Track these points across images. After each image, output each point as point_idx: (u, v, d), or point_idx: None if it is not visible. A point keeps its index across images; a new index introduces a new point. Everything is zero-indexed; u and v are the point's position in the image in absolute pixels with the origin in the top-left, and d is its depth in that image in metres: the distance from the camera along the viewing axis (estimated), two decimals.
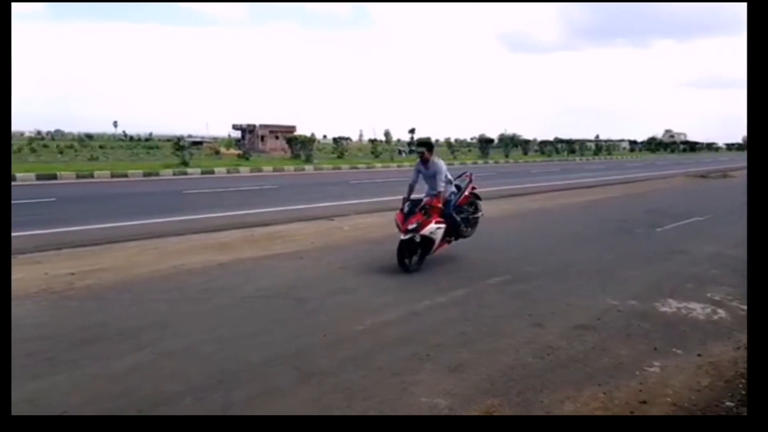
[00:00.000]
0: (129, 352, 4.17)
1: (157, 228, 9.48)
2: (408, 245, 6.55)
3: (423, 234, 6.52)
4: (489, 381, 3.82)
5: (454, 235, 7.28)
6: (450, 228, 7.02)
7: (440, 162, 6.92)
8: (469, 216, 7.65)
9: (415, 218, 6.50)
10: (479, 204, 7.89)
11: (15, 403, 3.31)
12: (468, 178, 7.71)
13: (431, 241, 6.71)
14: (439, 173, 6.81)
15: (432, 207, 6.68)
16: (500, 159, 42.21)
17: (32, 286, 5.76)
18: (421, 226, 6.46)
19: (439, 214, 6.76)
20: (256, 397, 3.52)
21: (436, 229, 6.66)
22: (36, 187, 16.50)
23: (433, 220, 6.61)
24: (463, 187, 7.53)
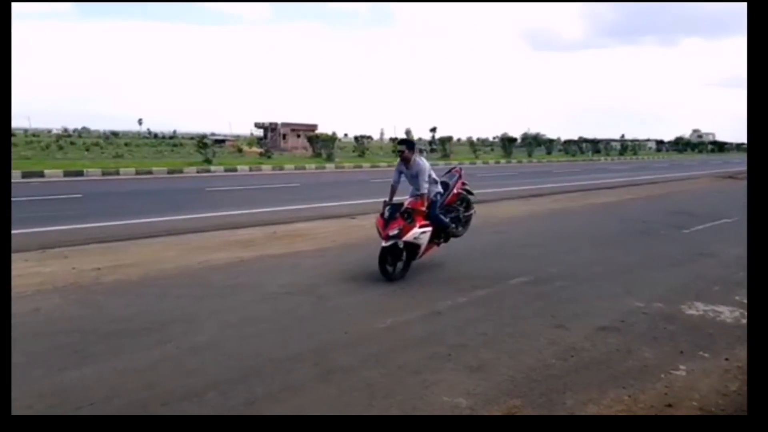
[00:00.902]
0: (154, 346, 4.23)
1: (181, 225, 9.60)
2: (391, 252, 6.14)
3: (406, 240, 6.10)
4: (511, 382, 3.80)
5: (443, 237, 6.88)
6: (437, 230, 6.62)
7: (423, 161, 6.48)
8: (459, 215, 7.24)
9: (396, 223, 6.04)
10: (471, 201, 7.49)
11: (44, 394, 3.42)
12: (457, 174, 7.28)
13: (416, 246, 6.28)
14: (421, 173, 6.34)
15: (415, 210, 6.25)
16: (523, 158, 41.84)
17: (60, 280, 5.89)
18: (402, 231, 6.01)
19: (423, 216, 6.35)
20: (278, 392, 3.55)
21: (420, 233, 6.21)
22: (63, 183, 16.85)
23: (417, 224, 6.17)
24: (451, 185, 7.05)
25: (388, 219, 6.13)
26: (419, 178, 6.34)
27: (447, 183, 7.01)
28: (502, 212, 12.23)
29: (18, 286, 5.62)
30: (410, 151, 6.41)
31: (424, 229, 6.27)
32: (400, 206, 6.24)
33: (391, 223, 6.05)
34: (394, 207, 6.25)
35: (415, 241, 6.19)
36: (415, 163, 6.39)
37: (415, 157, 6.41)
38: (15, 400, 3.32)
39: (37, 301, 5.19)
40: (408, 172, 6.48)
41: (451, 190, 6.98)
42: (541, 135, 53.98)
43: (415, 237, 6.15)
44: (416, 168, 6.37)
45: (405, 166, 6.48)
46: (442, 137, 42.74)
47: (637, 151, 65.26)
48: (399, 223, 6.03)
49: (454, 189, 7.03)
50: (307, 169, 25.13)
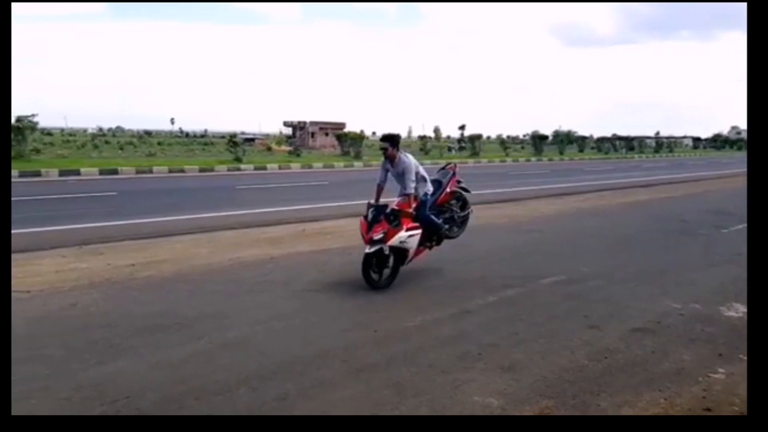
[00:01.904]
0: (187, 341, 4.29)
1: (212, 222, 9.74)
2: (377, 258, 5.69)
3: (392, 245, 5.65)
4: (543, 382, 3.73)
5: (435, 240, 6.41)
6: (429, 232, 6.18)
7: (409, 158, 6.00)
8: (454, 215, 6.77)
9: (380, 227, 5.57)
10: (467, 199, 7.00)
11: (81, 387, 3.49)
12: (451, 171, 6.80)
13: (404, 251, 5.83)
14: (407, 171, 5.87)
15: (402, 211, 5.77)
16: (554, 156, 41.29)
17: (96, 276, 6.03)
18: (387, 235, 5.55)
19: (412, 218, 5.86)
20: (308, 389, 3.55)
21: (407, 237, 5.72)
22: (99, 181, 17.27)
23: (404, 227, 5.69)
24: (444, 183, 6.58)
25: (371, 222, 5.67)
26: (405, 177, 5.90)
27: (440, 181, 6.59)
28: (533, 211, 12.09)
29: (56, 281, 5.78)
30: (394, 148, 5.95)
31: (411, 232, 5.78)
32: (384, 207, 5.80)
33: (375, 227, 5.59)
34: (378, 209, 5.78)
35: (402, 245, 5.74)
36: (401, 160, 5.95)
37: (400, 154, 5.98)
38: (54, 391, 3.43)
39: (75, 296, 5.32)
40: (394, 171, 6.05)
41: (444, 188, 6.53)
42: (572, 132, 53.09)
43: (402, 241, 5.69)
44: (401, 166, 5.93)
45: (390, 164, 6.04)
46: (471, 135, 42.45)
47: (673, 149, 63.82)
48: (383, 226, 5.59)
49: (447, 188, 6.58)
50: (335, 168, 25.25)
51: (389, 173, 6.12)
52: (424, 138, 48.78)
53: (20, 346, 4.09)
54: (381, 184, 6.17)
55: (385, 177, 6.17)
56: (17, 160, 20.99)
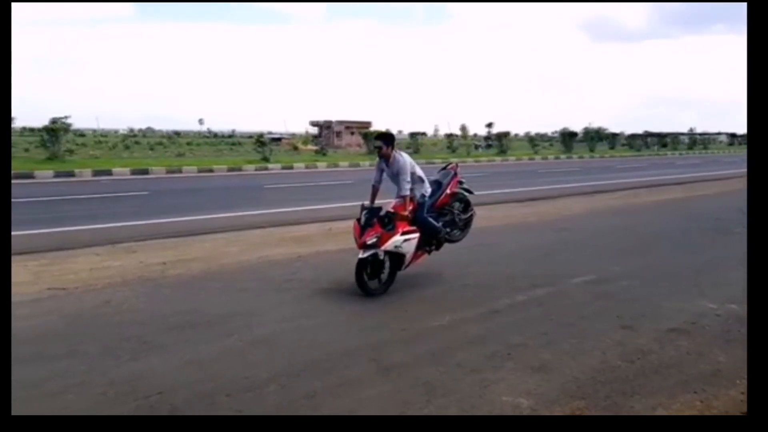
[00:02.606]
0: (217, 338, 4.35)
1: (241, 221, 9.86)
2: (372, 263, 5.44)
3: (386, 249, 5.39)
4: (574, 383, 3.67)
5: (435, 244, 6.09)
6: (427, 236, 5.88)
7: (404, 158, 5.70)
8: (455, 217, 6.39)
9: (373, 230, 5.29)
10: (470, 201, 6.61)
11: (115, 383, 3.56)
12: (452, 171, 6.49)
13: (400, 256, 5.57)
14: (402, 172, 5.59)
15: (397, 214, 5.49)
16: (585, 154, 40.69)
17: (129, 273, 6.15)
18: (381, 239, 5.28)
19: (408, 221, 5.58)
20: (336, 387, 3.56)
21: (403, 241, 5.43)
22: (130, 181, 17.63)
23: (399, 231, 5.41)
24: (444, 184, 6.25)
25: (364, 225, 5.41)
26: (399, 178, 5.63)
27: (440, 182, 6.28)
28: (563, 209, 11.93)
29: (90, 279, 5.92)
30: (389, 147, 5.68)
31: (408, 236, 5.50)
32: (378, 210, 5.49)
33: (368, 230, 5.32)
34: (371, 211, 5.48)
35: (398, 250, 5.45)
36: (395, 160, 5.67)
37: (395, 153, 5.70)
38: (90, 387, 3.51)
39: (108, 293, 5.44)
40: (389, 171, 5.77)
41: (444, 190, 6.20)
42: (603, 129, 52.21)
43: (397, 246, 5.41)
44: (396, 166, 5.65)
45: (386, 164, 5.78)
46: (498, 132, 42.09)
47: (708, 146, 62.22)
48: (376, 230, 5.30)
49: (448, 189, 6.25)
50: (361, 166, 25.28)
51: (384, 173, 5.87)
52: (451, 136, 48.55)
53: (58, 343, 4.22)
54: (376, 185, 5.93)
55: (380, 177, 5.92)
56: (52, 160, 21.60)
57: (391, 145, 5.72)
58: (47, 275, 6.04)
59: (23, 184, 16.24)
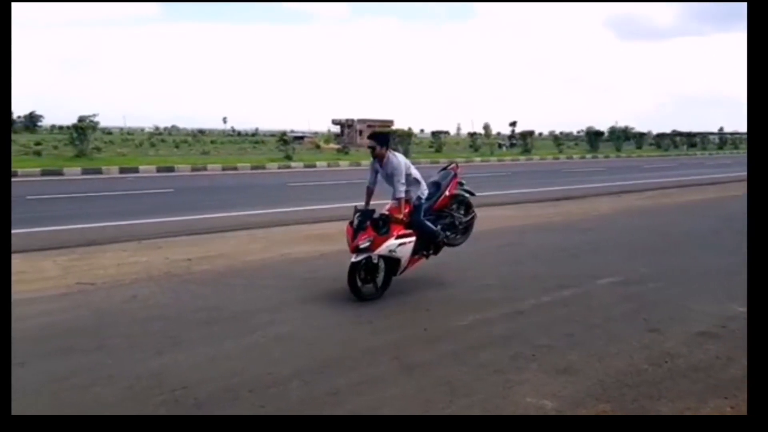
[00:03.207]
0: (241, 334, 4.39)
1: (264, 218, 9.94)
2: (366, 267, 5.25)
3: (380, 254, 5.19)
4: (600, 386, 3.61)
5: (432, 248, 5.86)
6: (424, 239, 5.64)
7: (398, 158, 5.44)
8: (455, 221, 6.11)
9: (366, 234, 5.07)
10: (471, 202, 6.33)
11: (141, 377, 3.61)
12: (453, 172, 6.18)
13: (396, 260, 5.33)
14: (396, 173, 5.33)
15: (391, 217, 5.26)
16: (611, 153, 40.11)
17: (155, 269, 6.24)
18: (374, 243, 5.07)
19: (404, 224, 5.36)
20: (359, 384, 3.56)
21: (397, 245, 5.21)
22: (156, 178, 17.91)
23: (393, 235, 5.18)
24: (443, 185, 5.98)
25: (357, 228, 5.18)
26: (393, 179, 5.38)
27: (438, 183, 6.01)
28: (589, 209, 11.77)
29: (118, 274, 6.02)
30: (382, 147, 5.43)
31: (403, 240, 5.26)
32: (371, 213, 5.28)
33: (361, 234, 5.10)
34: (364, 214, 5.26)
35: (392, 254, 5.23)
36: (389, 161, 5.41)
37: (389, 153, 5.45)
38: (117, 380, 3.56)
39: (135, 289, 5.53)
40: (383, 172, 5.51)
41: (443, 191, 5.94)
42: (630, 128, 51.37)
43: (391, 250, 5.19)
44: (390, 167, 5.40)
45: (380, 165, 5.52)
46: (523, 131, 41.73)
47: (738, 145, 60.78)
48: (369, 233, 5.09)
49: (447, 190, 5.97)
50: None
51: (379, 175, 5.60)
52: (474, 135, 48.28)
53: (87, 337, 4.30)
54: (370, 187, 5.71)
55: (374, 179, 5.67)
56: (80, 158, 22.06)
57: (386, 145, 5.48)
58: (76, 270, 6.16)
59: (53, 181, 16.61)
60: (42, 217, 9.68)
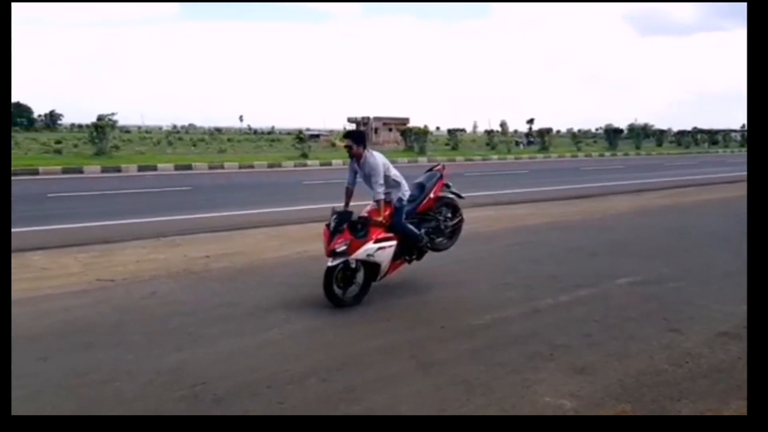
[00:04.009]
0: (259, 330, 4.42)
1: (280, 216, 9.99)
2: (343, 272, 5.01)
3: (357, 258, 4.95)
4: (620, 386, 3.57)
5: (416, 253, 5.61)
6: (407, 244, 5.41)
7: (376, 158, 5.18)
8: (441, 224, 5.85)
9: (342, 237, 4.83)
10: (458, 206, 6.07)
11: (161, 372, 3.65)
12: (438, 173, 5.90)
13: (375, 265, 5.09)
14: (374, 174, 5.10)
15: (370, 219, 5.02)
16: (630, 151, 39.62)
17: (174, 266, 6.31)
18: (350, 247, 4.82)
19: (385, 228, 5.14)
20: (375, 382, 3.57)
21: (376, 249, 4.96)
22: (174, 176, 18.09)
23: (372, 238, 4.95)
24: (428, 187, 5.71)
25: (333, 231, 4.92)
26: (371, 180, 5.17)
27: (423, 185, 5.73)
28: (608, 208, 11.64)
29: (137, 271, 6.10)
30: (360, 146, 5.19)
31: (382, 243, 5.02)
32: (349, 215, 5.02)
33: (337, 237, 4.85)
34: (341, 216, 5.00)
35: (369, 259, 4.98)
36: (366, 160, 5.18)
37: (366, 153, 5.21)
38: (138, 375, 3.61)
39: (154, 285, 5.59)
40: (361, 172, 5.30)
41: (427, 193, 5.66)
42: (649, 126, 50.71)
43: (369, 254, 4.94)
44: (367, 167, 5.17)
45: (357, 165, 5.31)
46: (540, 129, 41.40)
47: None
48: (345, 236, 4.84)
49: (431, 193, 5.70)
50: (399, 163, 25.24)
51: (358, 175, 5.39)
52: (491, 132, 48.01)
53: (107, 332, 4.36)
54: (349, 187, 5.50)
55: (353, 179, 5.46)
56: (99, 156, 22.36)
57: (363, 143, 5.23)
58: (96, 267, 6.25)
59: (73, 178, 16.87)
60: (63, 214, 9.84)
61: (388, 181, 5.25)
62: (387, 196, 5.26)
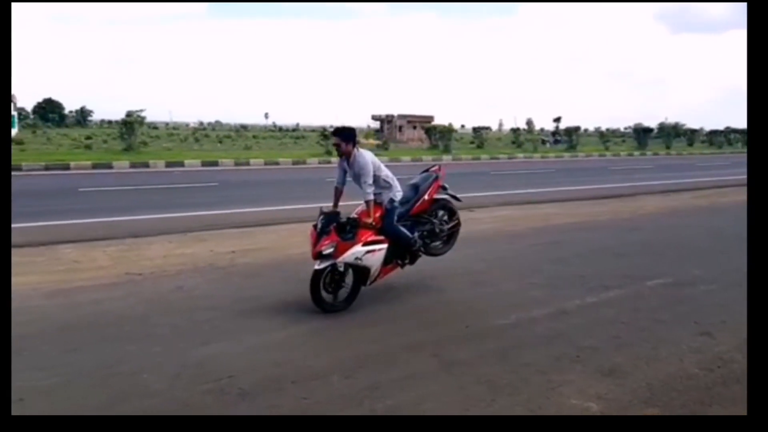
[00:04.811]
0: (282, 326, 4.45)
1: (304, 213, 9.98)
2: (331, 275, 4.79)
3: (345, 261, 4.72)
4: (648, 389, 3.50)
5: (408, 257, 5.35)
6: (399, 247, 5.16)
7: (365, 157, 4.95)
8: (436, 227, 5.61)
9: (328, 239, 4.62)
10: (455, 207, 5.81)
11: (187, 365, 3.69)
12: (434, 174, 5.66)
13: (364, 269, 4.86)
14: (363, 174, 4.88)
15: (359, 221, 4.83)
16: (660, 150, 38.81)
17: (200, 261, 6.39)
18: (337, 250, 4.60)
19: (375, 230, 4.91)
20: (399, 380, 3.55)
21: (364, 253, 4.73)
22: (201, 172, 18.31)
23: (360, 241, 4.73)
24: (422, 188, 5.46)
25: (320, 232, 4.72)
26: (360, 180, 4.95)
27: (417, 186, 5.50)
28: (637, 208, 11.43)
29: (164, 265, 6.18)
30: (348, 144, 4.95)
31: (371, 246, 4.79)
32: (336, 216, 4.83)
33: (324, 238, 4.65)
34: (328, 217, 4.80)
35: (358, 262, 4.75)
36: (356, 159, 4.95)
37: (355, 151, 4.98)
38: (165, 368, 3.66)
39: (181, 279, 5.67)
40: (351, 171, 5.07)
41: (421, 195, 5.42)
42: (680, 125, 49.56)
43: (357, 258, 4.71)
44: (356, 166, 4.94)
45: (347, 164, 5.08)
46: (568, 127, 40.83)
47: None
48: (332, 238, 4.63)
49: (426, 194, 5.44)
50: (423, 161, 25.16)
51: (348, 174, 5.17)
52: (517, 131, 47.54)
53: (135, 325, 4.43)
54: (339, 187, 5.27)
55: (343, 179, 5.23)
56: (128, 152, 22.79)
57: (352, 141, 4.99)
58: (125, 260, 6.36)
59: (103, 173, 17.22)
60: (93, 208, 10.05)
61: (378, 181, 5.04)
62: (378, 197, 5.05)
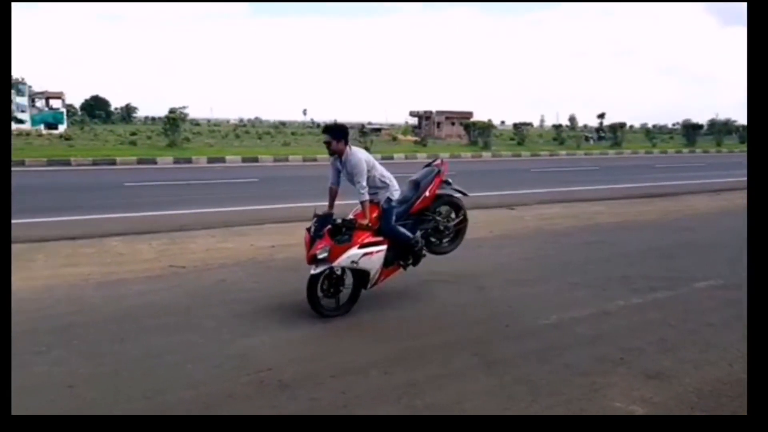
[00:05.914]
0: (321, 320, 4.48)
1: (343, 209, 10.04)
2: (328, 279, 4.62)
3: (341, 265, 4.53)
4: (696, 394, 3.38)
5: (411, 258, 5.09)
6: (400, 248, 4.95)
7: (358, 156, 4.72)
8: (441, 225, 5.37)
9: (322, 243, 4.42)
10: (461, 203, 5.53)
11: (230, 356, 3.76)
12: (437, 168, 5.37)
13: (364, 272, 4.64)
14: (356, 173, 4.66)
15: (355, 222, 4.61)
16: (710, 148, 37.43)
17: (241, 255, 6.50)
18: (332, 253, 4.40)
19: (373, 232, 4.69)
20: (438, 378, 3.53)
21: (361, 256, 4.52)
22: (242, 168, 18.63)
23: (356, 243, 4.53)
24: (423, 185, 5.20)
25: (314, 235, 4.54)
26: (354, 180, 4.74)
27: (418, 182, 5.25)
28: (685, 207, 11.05)
29: (207, 258, 6.32)
30: (340, 142, 4.73)
31: (369, 249, 4.57)
32: (330, 217, 4.62)
33: (318, 242, 4.45)
34: (321, 219, 4.60)
35: (354, 266, 4.55)
36: (348, 158, 4.73)
37: (347, 149, 4.76)
38: (207, 358, 3.74)
39: (223, 273, 5.77)
40: (344, 171, 4.85)
41: (422, 192, 5.15)
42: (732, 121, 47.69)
43: (354, 261, 4.50)
44: (349, 165, 4.73)
45: (340, 163, 4.85)
46: (612, 124, 39.77)
47: None
48: (326, 241, 4.42)
49: (427, 191, 5.17)
50: (462, 158, 25.00)
51: (342, 174, 4.93)
52: (559, 127, 46.64)
53: (179, 317, 4.54)
54: (333, 187, 5.05)
55: (337, 178, 4.98)
56: (171, 148, 23.37)
57: (344, 139, 4.77)
58: (169, 254, 6.52)
59: (147, 169, 17.71)
60: (138, 202, 10.35)
61: (373, 180, 4.82)
62: (374, 197, 4.83)
